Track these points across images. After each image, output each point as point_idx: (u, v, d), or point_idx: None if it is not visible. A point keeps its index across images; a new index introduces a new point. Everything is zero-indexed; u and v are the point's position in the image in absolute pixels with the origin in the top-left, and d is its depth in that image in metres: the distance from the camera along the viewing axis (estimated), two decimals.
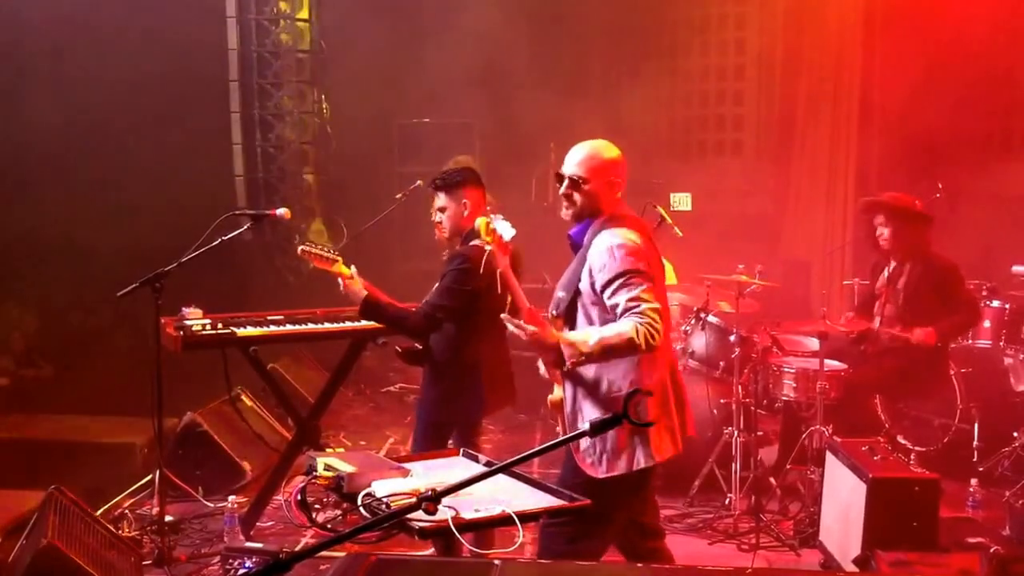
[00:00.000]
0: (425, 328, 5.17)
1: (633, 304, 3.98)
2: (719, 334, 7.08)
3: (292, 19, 9.75)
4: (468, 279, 5.02)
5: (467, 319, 5.13)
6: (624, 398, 2.62)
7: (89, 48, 8.84)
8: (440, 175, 5.37)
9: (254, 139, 9.69)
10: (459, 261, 5.09)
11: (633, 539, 4.46)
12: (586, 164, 4.26)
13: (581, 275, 4.19)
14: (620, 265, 4.06)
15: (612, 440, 4.14)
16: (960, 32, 8.92)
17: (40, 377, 9.07)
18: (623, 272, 4.04)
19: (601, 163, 4.26)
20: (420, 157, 10.61)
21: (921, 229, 6.94)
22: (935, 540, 5.18)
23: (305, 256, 5.34)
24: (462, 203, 5.23)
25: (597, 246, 4.15)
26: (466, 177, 5.31)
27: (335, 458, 3.73)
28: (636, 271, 4.05)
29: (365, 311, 5.25)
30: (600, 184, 4.24)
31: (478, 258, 5.06)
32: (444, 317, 5.11)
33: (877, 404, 7.25)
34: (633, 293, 4.00)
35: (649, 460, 4.15)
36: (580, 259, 4.23)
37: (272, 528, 6.38)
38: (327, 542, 2.53)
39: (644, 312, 3.95)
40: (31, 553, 4.70)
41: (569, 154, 4.32)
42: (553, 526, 4.14)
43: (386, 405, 9.55)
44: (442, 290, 5.09)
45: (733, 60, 11.65)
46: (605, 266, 4.09)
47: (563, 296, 4.27)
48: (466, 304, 5.07)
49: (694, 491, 6.74)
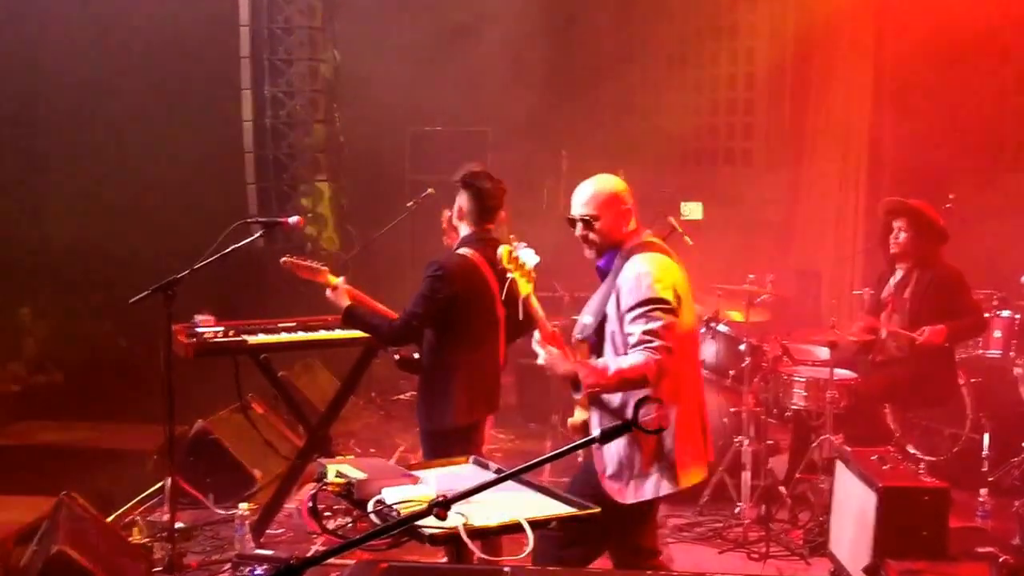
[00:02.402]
0: (401, 336, 5.20)
1: (648, 339, 4.01)
2: (729, 343, 7.08)
3: (305, 27, 9.78)
4: (442, 286, 5.04)
5: (446, 326, 5.14)
6: (634, 405, 2.64)
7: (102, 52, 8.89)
8: (467, 172, 5.31)
9: (266, 146, 9.72)
10: (433, 269, 5.10)
11: (630, 560, 4.46)
12: (593, 202, 4.29)
13: (608, 300, 4.20)
14: (646, 293, 4.08)
15: (639, 466, 4.17)
16: (970, 40, 8.91)
17: (52, 384, 9.10)
18: (647, 301, 4.06)
19: (607, 197, 4.29)
20: (432, 165, 10.60)
21: (936, 244, 6.95)
22: (945, 549, 5.17)
23: (287, 266, 5.38)
24: (456, 206, 5.24)
25: (627, 272, 4.16)
26: (473, 189, 5.25)
27: (346, 465, 3.75)
28: (660, 302, 4.06)
29: (345, 320, 5.29)
30: (612, 217, 4.27)
31: (453, 265, 5.08)
32: (419, 325, 5.12)
33: (887, 413, 7.24)
34: (651, 327, 4.02)
35: (673, 487, 4.18)
36: (609, 284, 4.24)
37: (282, 535, 6.40)
38: (337, 548, 2.55)
39: (657, 349, 3.98)
40: (42, 560, 4.73)
41: (573, 196, 4.36)
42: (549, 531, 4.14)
43: (396, 413, 9.55)
44: (416, 298, 5.11)
45: (743, 69, 11.63)
46: (632, 291, 4.11)
47: (590, 322, 4.28)
48: (440, 311, 5.08)
49: (704, 500, 6.73)
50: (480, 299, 5.11)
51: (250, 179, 9.68)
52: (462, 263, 5.12)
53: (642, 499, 4.17)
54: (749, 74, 11.59)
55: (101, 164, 8.97)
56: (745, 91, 11.64)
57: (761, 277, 6.96)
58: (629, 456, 4.18)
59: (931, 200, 7.26)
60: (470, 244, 5.18)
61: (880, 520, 5.16)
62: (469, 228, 5.23)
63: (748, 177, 11.57)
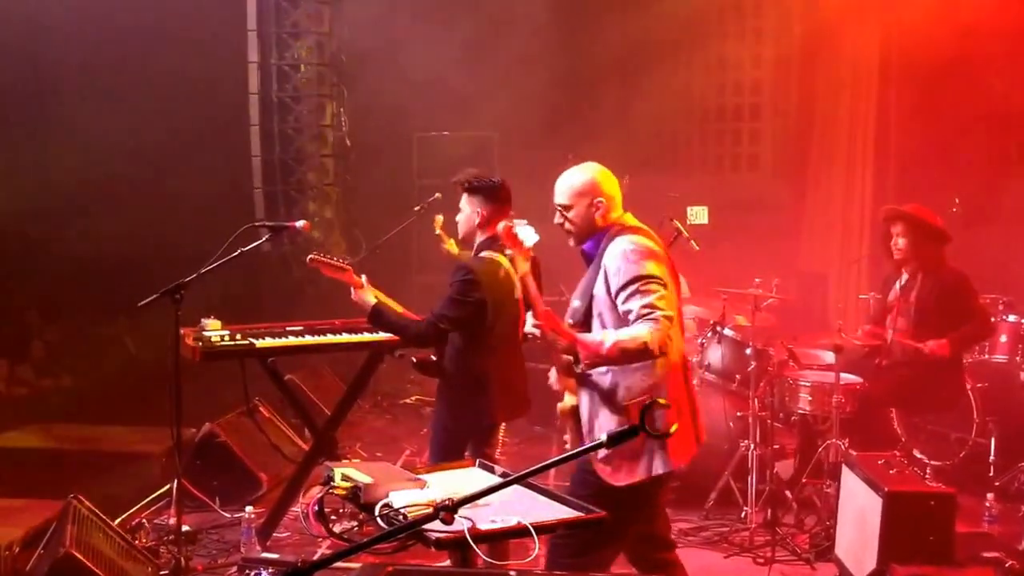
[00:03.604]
0: (429, 337, 5.20)
1: (646, 311, 3.99)
2: (735, 347, 7.07)
3: (312, 32, 9.81)
4: (472, 290, 5.06)
5: (474, 330, 5.15)
6: (641, 410, 2.64)
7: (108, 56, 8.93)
8: (470, 176, 5.32)
9: (274, 151, 9.75)
10: (463, 273, 5.12)
11: (644, 551, 4.46)
12: (566, 192, 4.34)
13: (596, 281, 4.21)
14: (635, 269, 4.08)
15: (630, 447, 4.12)
16: (978, 43, 8.91)
17: (59, 387, 9.13)
18: (638, 277, 4.06)
19: (581, 187, 4.31)
20: (439, 169, 10.62)
21: (937, 245, 6.96)
22: (951, 555, 5.17)
23: (314, 264, 5.39)
24: (476, 211, 5.25)
25: (612, 251, 4.18)
26: (486, 189, 5.28)
27: (352, 469, 3.76)
28: (651, 276, 4.06)
29: (372, 319, 5.30)
30: (585, 206, 4.29)
31: (483, 271, 5.10)
32: (448, 327, 5.13)
33: (893, 418, 7.23)
34: (647, 300, 4.02)
35: (667, 466, 4.16)
36: (595, 267, 4.25)
37: (288, 538, 6.40)
38: (344, 552, 2.56)
39: (658, 319, 3.97)
40: (49, 562, 4.75)
41: (555, 185, 4.39)
42: (560, 538, 4.14)
43: (403, 417, 9.55)
44: (446, 300, 5.12)
45: (750, 74, 11.66)
46: (620, 270, 4.11)
47: (579, 305, 4.29)
48: (471, 315, 5.10)
49: (710, 504, 6.73)
50: (506, 302, 5.13)
51: (257, 183, 9.72)
52: (491, 267, 5.14)
53: (635, 479, 4.14)
54: (755, 79, 11.62)
55: (109, 167, 8.99)
56: (752, 96, 11.66)
57: (767, 281, 6.95)
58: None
59: (937, 204, 7.26)
60: (492, 247, 5.19)
61: (886, 525, 5.16)
62: (486, 232, 5.23)
63: (754, 182, 11.59)
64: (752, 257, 9.57)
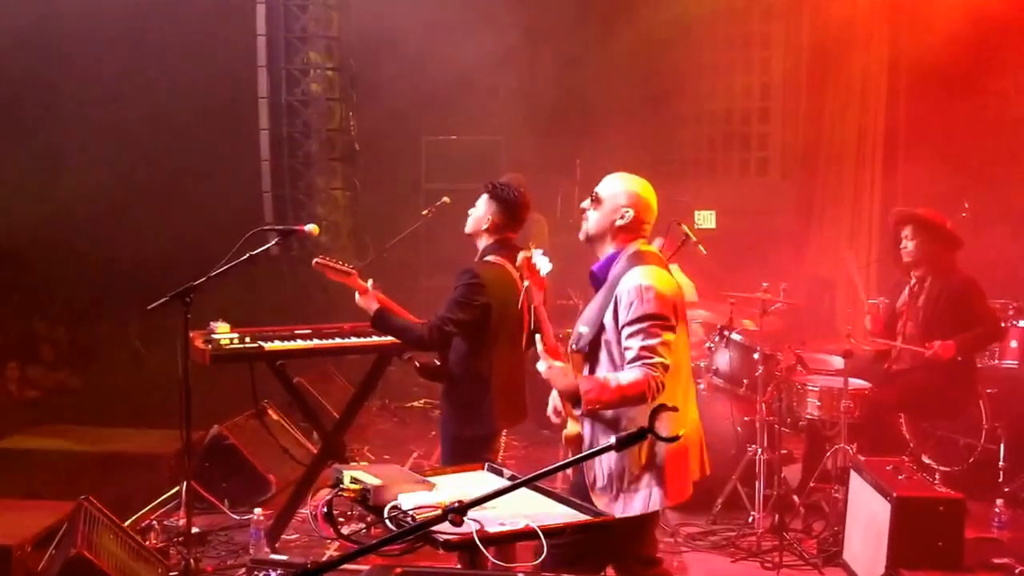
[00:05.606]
0: (434, 340, 5.20)
1: (646, 355, 3.97)
2: (743, 352, 7.07)
3: (321, 37, 9.84)
4: (477, 293, 5.07)
5: (478, 334, 5.15)
6: (650, 413, 2.64)
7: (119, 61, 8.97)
8: (496, 182, 5.35)
9: (283, 155, 9.77)
10: (468, 276, 5.12)
11: (634, 569, 4.45)
12: (608, 187, 4.30)
13: (606, 309, 4.16)
14: (646, 308, 4.02)
15: (627, 481, 4.13)
16: (985, 50, 8.90)
17: (69, 389, 9.16)
18: (647, 316, 4.01)
19: (621, 190, 4.27)
20: (447, 174, 10.68)
21: (947, 249, 6.94)
22: (960, 560, 5.17)
23: (319, 268, 5.40)
24: (489, 216, 5.26)
25: (627, 282, 4.10)
26: (508, 202, 5.25)
27: (361, 471, 3.77)
28: (660, 318, 4.02)
29: (376, 322, 5.31)
30: (612, 208, 4.24)
31: (488, 275, 5.11)
32: (453, 330, 5.14)
33: (902, 423, 7.23)
34: (649, 343, 3.98)
35: (663, 502, 4.14)
36: (606, 295, 4.19)
37: (297, 540, 6.42)
38: (352, 554, 2.57)
39: (655, 366, 3.95)
40: (60, 563, 4.77)
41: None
42: (555, 546, 4.14)
43: (410, 420, 9.57)
44: (451, 303, 5.13)
45: (759, 79, 11.67)
46: (632, 305, 4.04)
47: (586, 332, 4.24)
48: (475, 318, 5.10)
49: (717, 508, 6.73)
50: (510, 306, 5.13)
51: (266, 187, 9.75)
52: (495, 271, 5.15)
53: (631, 514, 4.11)
54: (764, 84, 11.63)
55: (119, 171, 9.03)
56: (760, 101, 11.67)
57: (775, 286, 6.95)
58: (619, 469, 4.13)
59: (947, 209, 7.25)
60: (497, 252, 5.20)
61: (894, 530, 5.16)
62: (492, 237, 5.25)
63: (762, 186, 11.59)
64: (760, 261, 9.58)
